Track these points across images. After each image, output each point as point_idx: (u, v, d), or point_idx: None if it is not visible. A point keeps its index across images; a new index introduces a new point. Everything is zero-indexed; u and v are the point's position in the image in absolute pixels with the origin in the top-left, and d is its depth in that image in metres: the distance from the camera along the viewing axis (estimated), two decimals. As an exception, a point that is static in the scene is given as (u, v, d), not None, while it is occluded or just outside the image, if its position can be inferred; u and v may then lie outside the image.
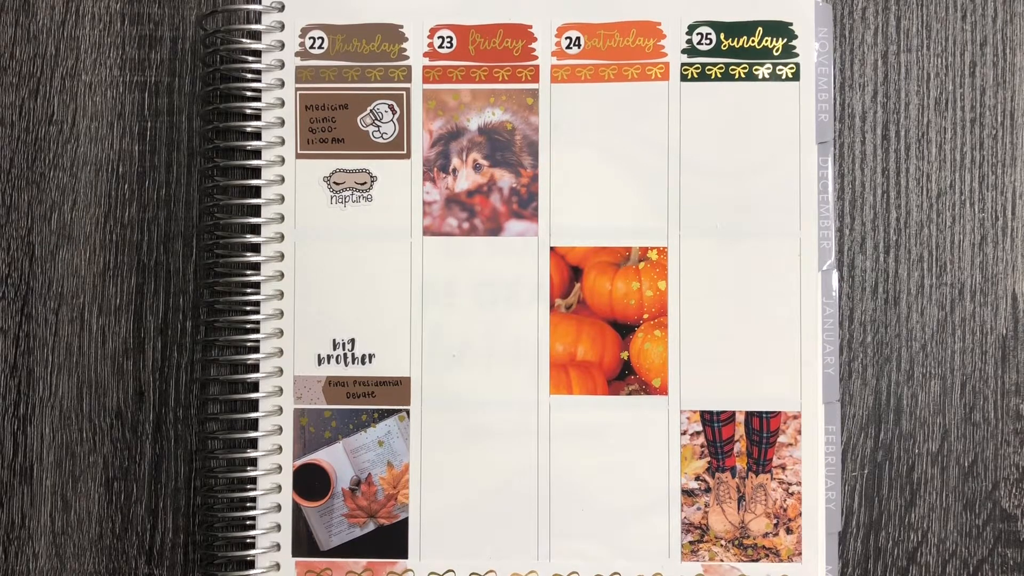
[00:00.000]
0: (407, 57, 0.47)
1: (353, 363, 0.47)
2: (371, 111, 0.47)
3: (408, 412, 0.47)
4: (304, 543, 0.46)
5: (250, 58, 0.47)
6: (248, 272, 0.47)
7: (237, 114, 0.48)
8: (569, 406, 0.46)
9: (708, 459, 0.46)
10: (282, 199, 0.47)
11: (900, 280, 0.48)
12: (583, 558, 0.46)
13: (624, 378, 0.46)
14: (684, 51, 0.47)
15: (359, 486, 0.46)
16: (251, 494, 0.46)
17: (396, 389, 0.47)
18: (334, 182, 0.47)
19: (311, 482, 0.47)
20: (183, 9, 0.49)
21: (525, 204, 0.47)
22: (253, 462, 0.46)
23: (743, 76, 0.47)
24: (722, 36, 0.47)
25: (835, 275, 0.46)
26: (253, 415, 0.46)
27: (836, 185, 0.48)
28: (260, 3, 0.48)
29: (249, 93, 0.47)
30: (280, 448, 0.46)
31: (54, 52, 0.49)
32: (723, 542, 0.46)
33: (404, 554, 0.46)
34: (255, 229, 0.47)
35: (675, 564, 0.46)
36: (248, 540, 0.46)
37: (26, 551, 0.48)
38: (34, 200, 0.49)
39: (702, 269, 0.46)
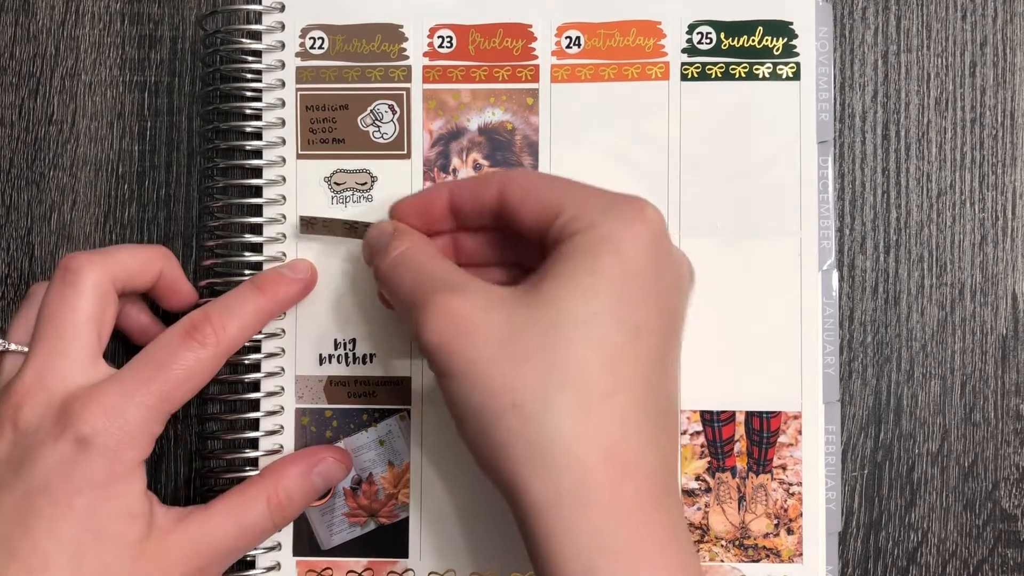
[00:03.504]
0: (407, 57, 0.47)
1: (354, 363, 0.47)
2: (371, 111, 0.47)
3: (409, 412, 0.47)
4: (305, 542, 0.46)
5: (250, 58, 0.47)
6: (248, 272, 0.47)
7: (237, 114, 0.48)
8: (569, 406, 0.46)
9: (708, 459, 0.46)
10: (283, 199, 0.47)
11: (900, 280, 0.48)
12: (583, 558, 0.46)
13: (624, 378, 0.46)
14: (684, 50, 0.47)
15: (360, 485, 0.46)
16: (252, 494, 0.46)
17: (397, 389, 0.47)
18: (335, 182, 0.47)
19: (312, 482, 0.47)
20: (183, 9, 0.49)
21: (525, 204, 0.47)
22: (253, 462, 0.46)
23: (743, 75, 0.47)
24: (722, 35, 0.47)
25: (835, 275, 0.46)
26: (254, 415, 0.46)
27: (836, 185, 0.48)
28: (260, 3, 0.47)
29: (249, 93, 0.47)
30: (281, 448, 0.46)
31: (54, 52, 0.49)
32: (723, 542, 0.46)
33: (405, 553, 0.46)
34: (256, 229, 0.47)
35: (675, 564, 0.46)
36: (249, 540, 0.46)
37: (27, 551, 0.48)
38: (34, 200, 0.49)
39: (702, 269, 0.46)
